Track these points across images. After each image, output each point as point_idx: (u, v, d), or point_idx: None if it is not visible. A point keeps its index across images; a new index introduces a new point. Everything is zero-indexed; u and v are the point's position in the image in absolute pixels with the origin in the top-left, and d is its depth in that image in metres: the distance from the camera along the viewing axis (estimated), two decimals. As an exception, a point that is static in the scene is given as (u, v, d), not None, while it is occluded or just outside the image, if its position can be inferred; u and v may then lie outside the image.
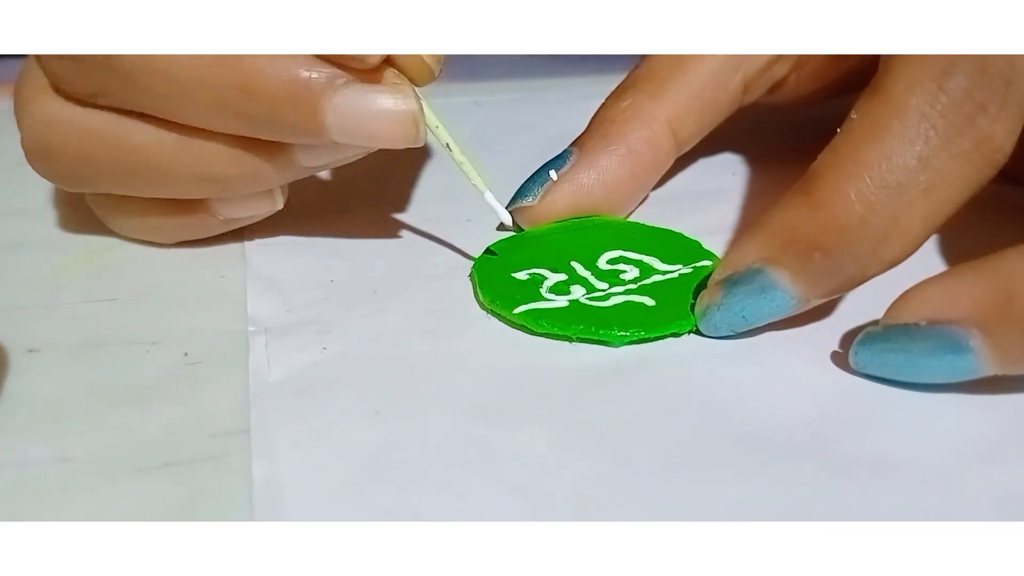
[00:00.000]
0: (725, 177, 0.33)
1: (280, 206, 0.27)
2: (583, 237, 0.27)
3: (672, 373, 0.23)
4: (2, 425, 0.21)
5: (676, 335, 0.24)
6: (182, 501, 0.19)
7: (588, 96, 0.30)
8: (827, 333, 0.24)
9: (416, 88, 0.24)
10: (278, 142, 0.25)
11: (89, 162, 0.25)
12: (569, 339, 0.24)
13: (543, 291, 0.25)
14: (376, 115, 0.23)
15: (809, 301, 0.23)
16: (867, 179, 0.22)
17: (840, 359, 0.23)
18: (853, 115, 0.23)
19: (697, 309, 0.24)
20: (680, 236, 0.28)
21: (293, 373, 0.23)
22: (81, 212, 0.30)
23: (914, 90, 0.22)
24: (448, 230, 0.29)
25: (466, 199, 0.29)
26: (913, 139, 0.22)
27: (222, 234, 0.28)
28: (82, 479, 0.20)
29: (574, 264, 0.26)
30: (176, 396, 0.22)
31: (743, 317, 0.23)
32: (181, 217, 0.27)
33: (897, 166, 0.22)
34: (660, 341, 0.24)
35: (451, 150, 0.25)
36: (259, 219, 0.28)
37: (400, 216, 0.30)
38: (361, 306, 0.25)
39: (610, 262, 0.27)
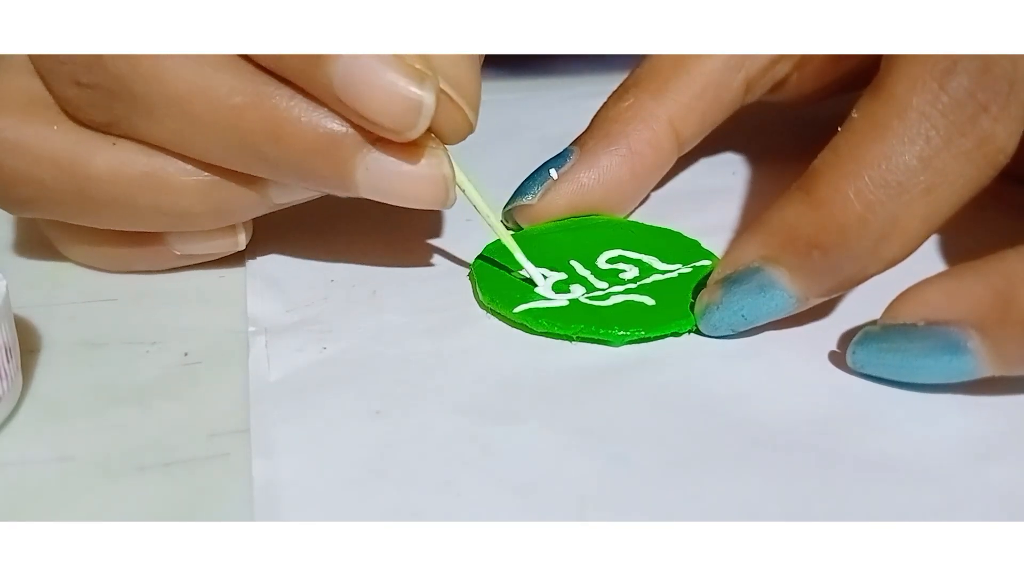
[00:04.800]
0: (725, 176, 0.33)
1: (242, 246, 0.26)
2: (582, 236, 0.27)
3: (672, 373, 0.23)
4: (2, 425, 0.21)
5: (676, 334, 0.24)
6: (182, 501, 0.19)
7: (589, 95, 0.30)
8: (826, 333, 0.24)
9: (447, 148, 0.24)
10: (251, 176, 0.24)
11: (40, 187, 0.24)
12: (569, 338, 0.24)
13: (542, 290, 0.25)
14: (408, 177, 0.23)
15: (808, 300, 0.23)
16: (867, 178, 0.22)
17: (839, 359, 0.23)
18: (854, 114, 0.23)
19: (697, 308, 0.24)
20: (679, 236, 0.28)
21: (293, 373, 0.23)
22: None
23: (916, 90, 0.22)
24: (447, 229, 0.29)
25: (464, 199, 0.28)
26: (914, 139, 0.22)
27: None
28: (82, 479, 0.20)
29: (573, 263, 0.26)
30: (176, 396, 0.22)
31: (742, 316, 0.23)
32: (136, 248, 0.26)
33: (897, 166, 0.22)
34: (660, 340, 0.24)
35: (480, 212, 0.25)
36: (219, 256, 0.26)
37: (399, 216, 0.30)
38: (361, 306, 0.25)
39: (609, 261, 0.27)
